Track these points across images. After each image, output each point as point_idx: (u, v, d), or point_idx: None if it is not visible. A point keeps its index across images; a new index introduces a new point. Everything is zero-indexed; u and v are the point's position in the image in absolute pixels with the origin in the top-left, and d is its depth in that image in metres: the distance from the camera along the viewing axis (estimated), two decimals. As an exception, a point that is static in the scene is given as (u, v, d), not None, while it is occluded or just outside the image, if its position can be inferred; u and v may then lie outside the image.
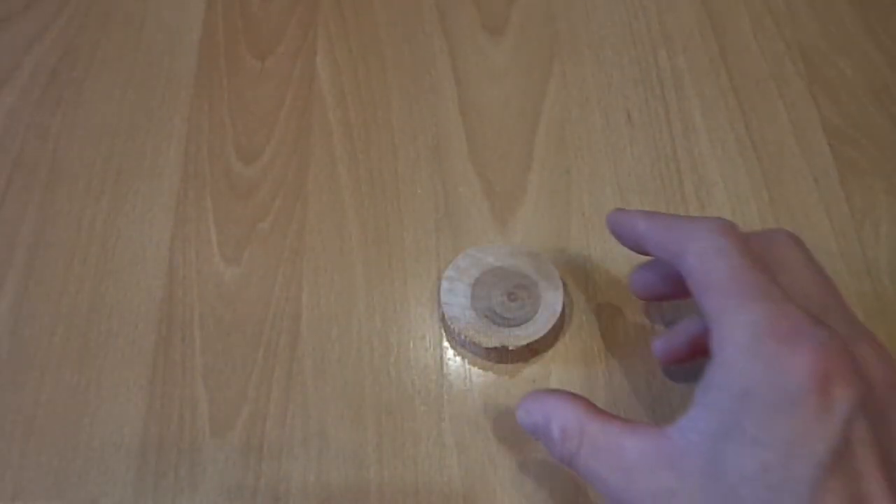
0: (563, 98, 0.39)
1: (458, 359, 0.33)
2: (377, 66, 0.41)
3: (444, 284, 0.33)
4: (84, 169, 0.38)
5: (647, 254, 0.27)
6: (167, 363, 0.33)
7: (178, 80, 0.41)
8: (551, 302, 0.31)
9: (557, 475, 0.29)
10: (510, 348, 0.31)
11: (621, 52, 0.40)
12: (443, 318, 0.33)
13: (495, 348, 0.31)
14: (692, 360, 0.28)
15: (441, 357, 0.33)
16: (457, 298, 0.32)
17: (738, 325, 0.20)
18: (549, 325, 0.31)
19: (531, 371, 0.32)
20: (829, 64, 0.38)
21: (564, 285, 0.32)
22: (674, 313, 0.33)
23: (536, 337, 0.30)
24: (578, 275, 0.34)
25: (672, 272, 0.25)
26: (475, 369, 0.32)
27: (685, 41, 0.40)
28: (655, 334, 0.32)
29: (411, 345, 0.33)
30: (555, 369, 0.32)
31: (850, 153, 0.36)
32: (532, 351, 0.32)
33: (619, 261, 0.34)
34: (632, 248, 0.27)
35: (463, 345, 0.32)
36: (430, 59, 0.41)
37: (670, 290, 0.28)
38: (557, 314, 0.31)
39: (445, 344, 0.33)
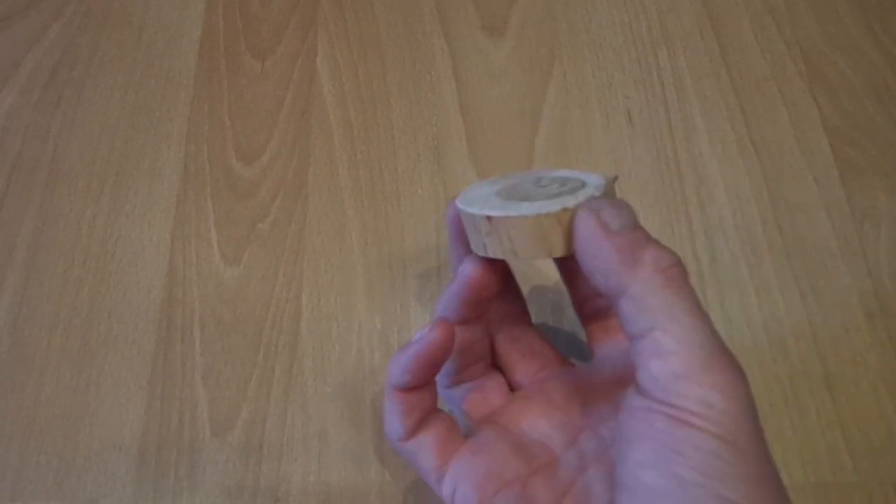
0: (563, 98, 0.39)
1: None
2: (377, 66, 0.41)
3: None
4: (84, 169, 0.38)
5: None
6: (167, 363, 0.33)
7: (178, 80, 0.41)
8: (592, 183, 0.23)
9: (557, 475, 0.29)
10: (540, 214, 0.21)
11: (621, 52, 0.40)
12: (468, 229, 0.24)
13: (518, 218, 0.22)
14: None
15: (441, 357, 0.33)
16: (475, 192, 0.25)
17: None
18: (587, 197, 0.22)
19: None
20: (829, 64, 0.38)
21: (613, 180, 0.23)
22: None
23: (569, 204, 0.21)
24: (578, 275, 0.34)
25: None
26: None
27: (685, 41, 0.40)
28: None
29: (411, 345, 0.33)
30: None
31: (850, 153, 0.36)
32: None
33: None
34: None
35: (482, 244, 0.23)
36: (430, 59, 0.41)
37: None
38: (600, 190, 0.22)
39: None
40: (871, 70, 0.38)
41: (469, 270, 0.24)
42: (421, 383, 0.24)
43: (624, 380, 0.24)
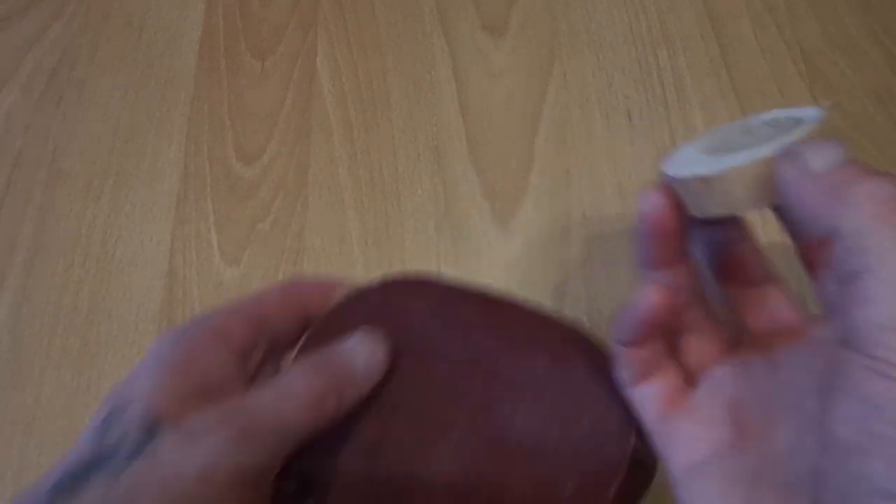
0: (563, 98, 0.39)
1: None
2: (377, 66, 0.41)
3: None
4: (84, 169, 0.38)
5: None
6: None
7: (178, 80, 0.41)
8: (808, 118, 0.21)
9: (557, 475, 0.29)
10: (703, 176, 0.20)
11: (621, 52, 0.40)
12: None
13: (695, 182, 0.21)
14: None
15: (441, 357, 0.33)
16: (681, 156, 0.23)
17: None
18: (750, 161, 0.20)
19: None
20: (829, 64, 0.38)
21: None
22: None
23: (778, 147, 0.20)
24: (577, 276, 0.34)
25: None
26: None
27: (685, 41, 0.40)
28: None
29: (411, 345, 0.33)
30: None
31: (850, 153, 0.35)
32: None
33: (620, 261, 0.34)
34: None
35: (693, 205, 0.22)
36: (430, 59, 0.41)
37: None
38: (813, 126, 0.20)
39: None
40: (871, 70, 0.38)
41: (648, 206, 0.23)
42: (643, 343, 0.23)
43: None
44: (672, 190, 0.22)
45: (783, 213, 0.24)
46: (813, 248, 0.24)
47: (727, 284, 0.25)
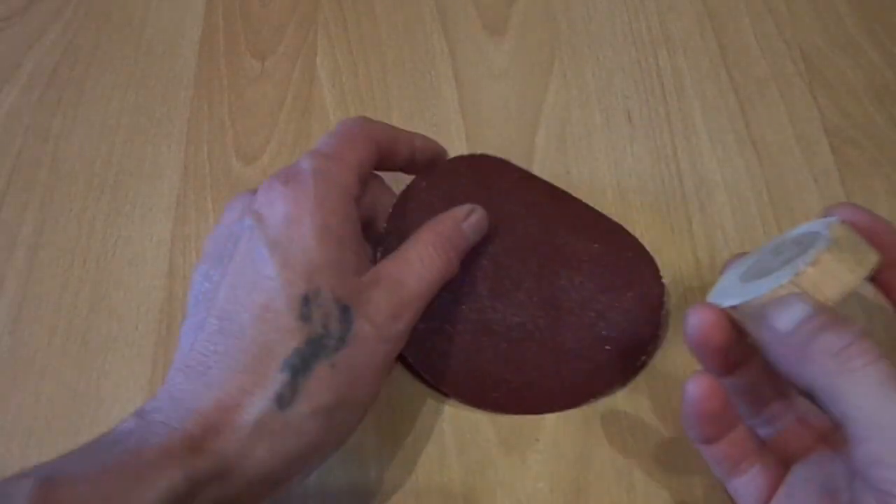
0: (563, 98, 0.39)
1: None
2: (377, 66, 0.41)
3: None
4: (84, 169, 0.38)
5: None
6: (167, 364, 0.33)
7: (178, 80, 0.41)
8: (823, 235, 0.22)
9: (557, 475, 0.29)
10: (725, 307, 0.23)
11: (621, 52, 0.40)
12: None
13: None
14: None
15: (441, 357, 0.33)
16: (726, 280, 0.26)
17: None
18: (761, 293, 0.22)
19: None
20: (829, 64, 0.38)
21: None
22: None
23: (783, 280, 0.21)
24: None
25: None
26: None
27: (685, 41, 0.40)
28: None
29: (411, 345, 0.33)
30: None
31: (850, 153, 0.36)
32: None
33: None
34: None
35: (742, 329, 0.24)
36: (430, 59, 0.41)
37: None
38: (826, 244, 0.21)
39: (445, 344, 0.33)
40: (871, 70, 0.38)
41: (689, 323, 0.24)
42: (714, 437, 0.24)
43: None
44: (714, 308, 0.24)
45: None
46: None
47: None
